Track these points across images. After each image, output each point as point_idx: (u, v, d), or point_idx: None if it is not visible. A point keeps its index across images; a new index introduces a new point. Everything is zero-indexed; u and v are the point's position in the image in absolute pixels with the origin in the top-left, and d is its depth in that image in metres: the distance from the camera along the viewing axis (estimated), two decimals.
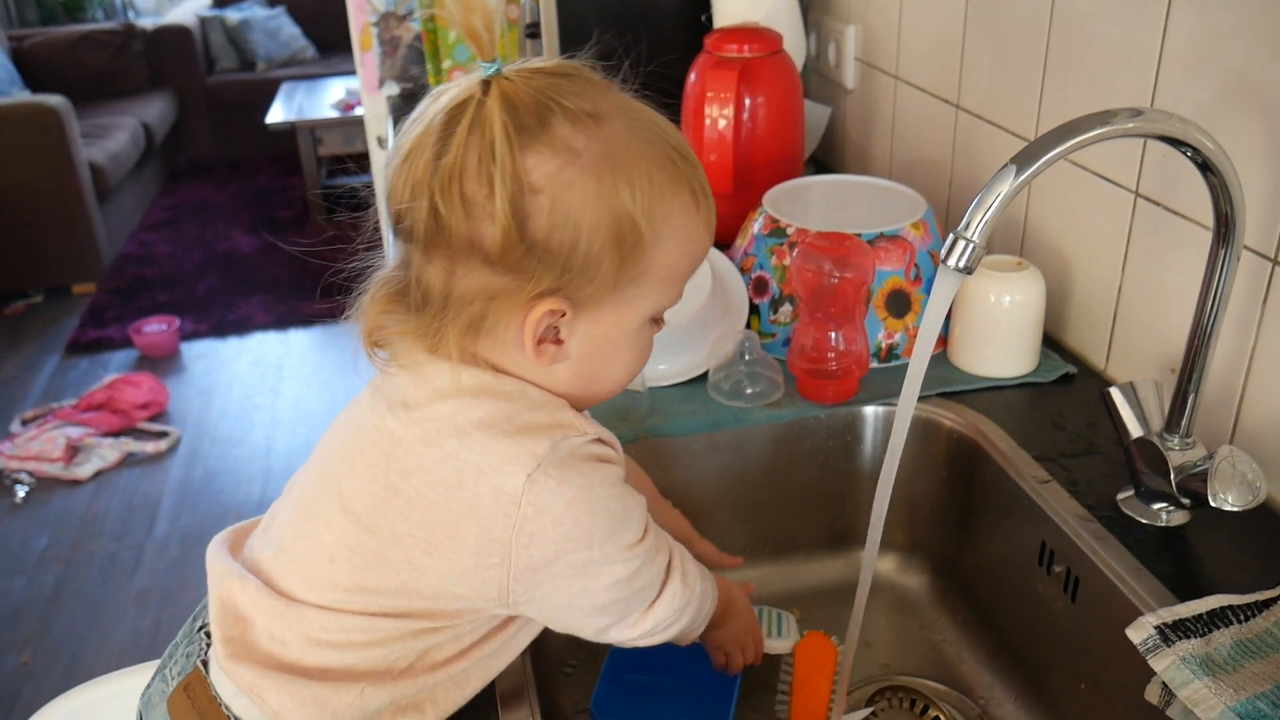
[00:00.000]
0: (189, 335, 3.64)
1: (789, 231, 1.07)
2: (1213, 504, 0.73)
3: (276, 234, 4.49)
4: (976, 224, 0.67)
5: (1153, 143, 0.91)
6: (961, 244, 0.67)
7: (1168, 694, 0.66)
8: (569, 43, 1.57)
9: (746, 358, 1.01)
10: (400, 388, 0.65)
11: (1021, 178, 0.67)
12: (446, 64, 2.09)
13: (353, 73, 5.18)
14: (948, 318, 1.07)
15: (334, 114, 4.40)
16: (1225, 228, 0.72)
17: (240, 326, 3.73)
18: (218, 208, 4.82)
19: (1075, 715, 0.83)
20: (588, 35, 1.50)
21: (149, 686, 0.73)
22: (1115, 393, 0.83)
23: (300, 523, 0.68)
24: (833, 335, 0.98)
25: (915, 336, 1.05)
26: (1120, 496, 0.84)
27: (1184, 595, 0.73)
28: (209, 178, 5.19)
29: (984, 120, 1.17)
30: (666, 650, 0.76)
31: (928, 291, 1.05)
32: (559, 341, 0.63)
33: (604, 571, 0.63)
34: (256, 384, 3.39)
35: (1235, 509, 0.73)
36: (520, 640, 0.70)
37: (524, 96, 0.59)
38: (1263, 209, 0.79)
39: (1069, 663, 0.83)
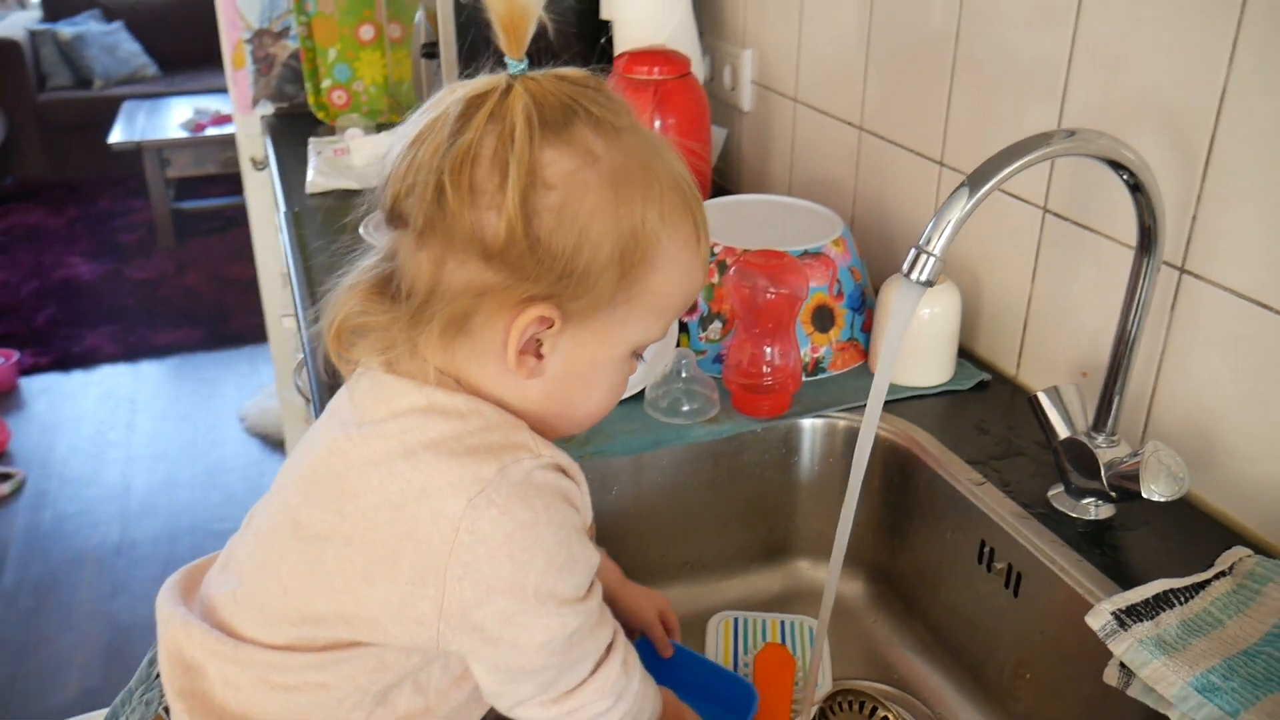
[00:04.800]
0: (29, 369, 3.41)
1: (715, 250, 1.09)
2: (1145, 496, 0.78)
3: (121, 260, 4.26)
4: (937, 240, 0.70)
5: (1060, 160, 0.97)
6: (924, 258, 0.70)
7: (1126, 674, 0.70)
8: (469, 63, 1.56)
9: (683, 375, 1.02)
10: (356, 407, 0.63)
11: (974, 198, 0.71)
12: (326, 83, 2.03)
13: (199, 91, 4.97)
14: (868, 330, 1.11)
15: (183, 134, 4.21)
16: (1148, 240, 0.78)
17: (86, 359, 3.52)
18: (54, 233, 4.53)
19: (1021, 704, 0.87)
20: (487, 55, 1.49)
21: None
22: (1042, 397, 0.88)
23: (259, 555, 0.65)
24: (767, 350, 1.00)
25: (840, 350, 1.09)
26: (1050, 493, 0.89)
27: (1122, 582, 0.78)
28: (42, 200, 4.87)
29: (888, 141, 1.23)
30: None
31: (850, 306, 1.09)
32: (539, 355, 0.61)
33: (536, 625, 0.58)
34: (108, 419, 3.19)
35: (1163, 499, 0.78)
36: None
37: (549, 95, 0.58)
38: (1169, 221, 0.86)
39: (1013, 654, 0.88)
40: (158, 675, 0.67)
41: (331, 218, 1.57)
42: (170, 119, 4.47)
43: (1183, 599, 0.73)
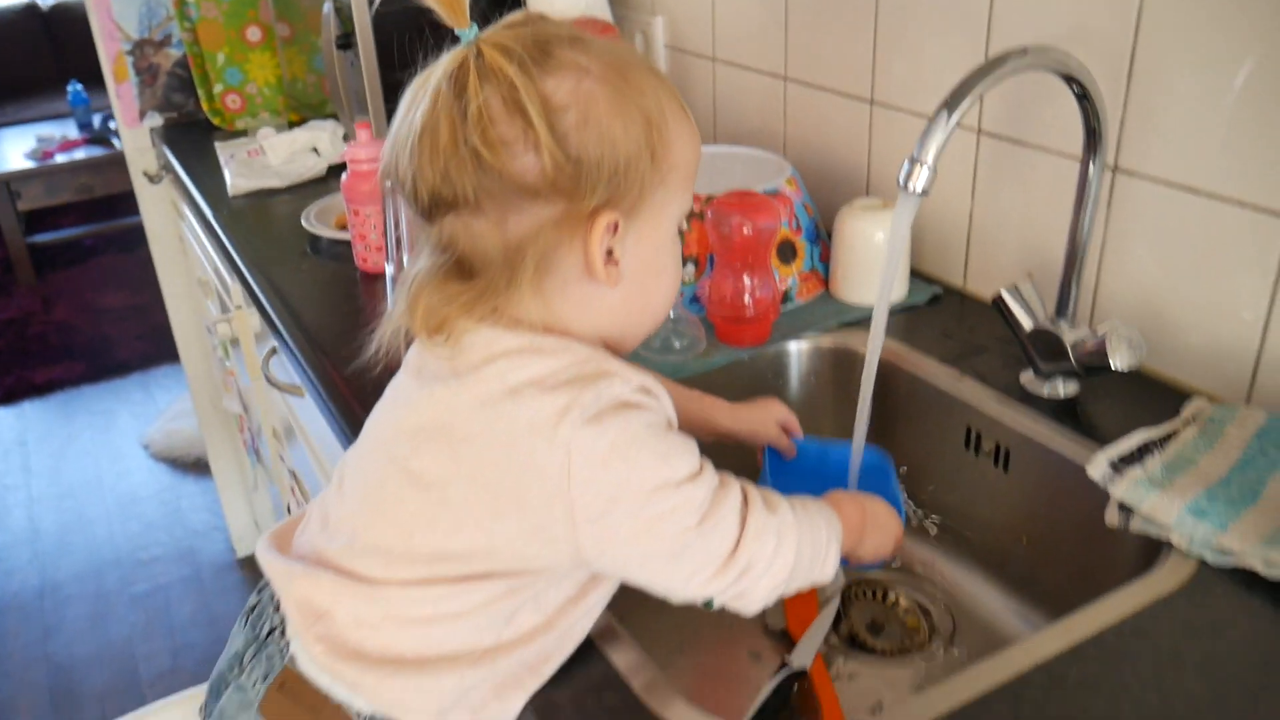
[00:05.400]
0: None
1: None
2: (1113, 366, 0.89)
3: None
4: (928, 155, 0.79)
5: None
6: (919, 168, 0.79)
7: (1125, 513, 0.81)
8: (385, 53, 1.58)
9: (671, 315, 1.09)
10: (445, 361, 0.66)
11: (954, 117, 0.79)
12: (218, 88, 2.00)
13: (34, 120, 4.72)
14: (825, 260, 1.20)
15: (31, 164, 4.00)
16: (1094, 141, 0.88)
17: None
18: None
19: (1020, 566, 0.98)
20: (402, 43, 1.52)
21: (213, 703, 0.70)
22: (1005, 294, 0.98)
23: (370, 509, 0.68)
24: (747, 282, 1.08)
25: (804, 280, 1.18)
26: (1021, 378, 1.00)
27: (1102, 445, 0.89)
28: None
29: (816, 87, 1.32)
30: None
31: (809, 239, 1.18)
32: (614, 262, 0.66)
33: (664, 510, 0.63)
34: None
35: (1127, 368, 0.90)
36: (596, 608, 0.71)
37: (516, 39, 0.62)
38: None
39: (1008, 524, 0.98)
40: (269, 633, 0.70)
41: (262, 216, 1.57)
42: (10, 149, 4.24)
43: (1160, 446, 0.85)
